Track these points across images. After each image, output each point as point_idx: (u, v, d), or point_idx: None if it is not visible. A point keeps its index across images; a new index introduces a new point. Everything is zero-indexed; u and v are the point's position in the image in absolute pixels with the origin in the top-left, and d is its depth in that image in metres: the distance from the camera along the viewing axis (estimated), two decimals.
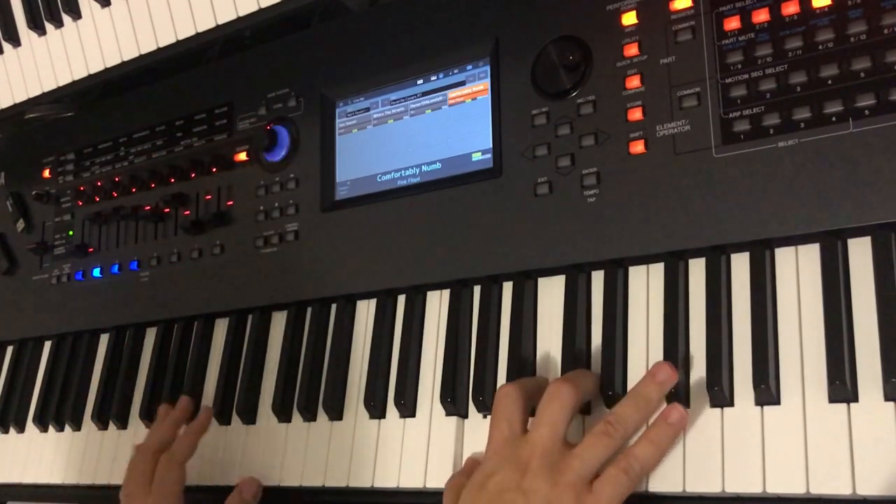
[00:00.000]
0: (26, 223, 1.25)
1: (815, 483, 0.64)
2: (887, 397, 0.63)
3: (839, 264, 0.68)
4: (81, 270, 1.16)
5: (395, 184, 0.92)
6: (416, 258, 0.88)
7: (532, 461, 0.68)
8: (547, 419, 0.70)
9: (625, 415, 0.69)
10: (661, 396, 0.70)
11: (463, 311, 0.86)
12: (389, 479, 0.84)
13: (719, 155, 0.73)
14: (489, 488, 0.69)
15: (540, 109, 0.83)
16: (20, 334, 1.24)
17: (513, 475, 0.68)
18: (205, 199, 1.06)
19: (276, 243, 0.98)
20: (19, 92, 1.14)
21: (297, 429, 0.92)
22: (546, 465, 0.68)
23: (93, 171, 1.19)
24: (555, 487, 0.66)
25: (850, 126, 0.68)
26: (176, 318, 1.07)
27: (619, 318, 0.76)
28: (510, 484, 0.68)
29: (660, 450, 0.69)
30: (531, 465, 0.68)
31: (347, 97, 0.98)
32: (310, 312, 0.97)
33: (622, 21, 0.80)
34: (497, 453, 0.71)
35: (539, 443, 0.69)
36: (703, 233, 0.73)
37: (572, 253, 0.79)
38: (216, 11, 0.95)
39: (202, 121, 1.09)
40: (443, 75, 0.91)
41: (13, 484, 1.15)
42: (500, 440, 0.72)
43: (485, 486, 0.69)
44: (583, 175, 0.79)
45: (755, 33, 0.73)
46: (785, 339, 0.69)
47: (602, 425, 0.69)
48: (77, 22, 1.08)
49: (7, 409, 1.21)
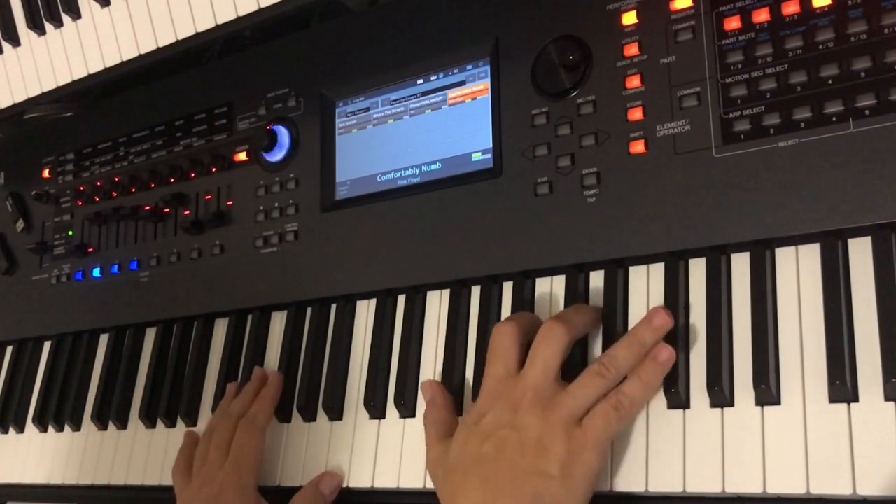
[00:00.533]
0: (26, 223, 1.25)
1: (815, 483, 0.64)
2: (887, 397, 0.63)
3: (839, 264, 0.68)
4: (81, 270, 1.16)
5: (394, 184, 0.92)
6: (416, 258, 0.88)
7: (524, 399, 0.70)
8: (540, 358, 0.72)
9: (618, 356, 0.71)
10: (655, 340, 0.72)
11: (462, 311, 0.86)
12: (389, 479, 0.84)
13: (719, 155, 0.73)
14: (483, 426, 0.71)
15: (540, 109, 0.83)
16: (20, 334, 1.24)
17: (505, 413, 0.71)
18: (204, 199, 1.06)
19: (276, 243, 0.98)
20: (19, 92, 1.14)
21: (297, 429, 0.92)
22: (538, 402, 0.70)
23: (92, 171, 1.19)
24: (545, 423, 0.69)
25: (850, 126, 0.68)
26: (176, 318, 1.07)
27: (619, 317, 0.76)
28: (503, 421, 0.70)
29: (648, 388, 0.71)
30: (523, 402, 0.70)
31: (347, 97, 0.98)
32: (310, 312, 0.97)
33: (622, 21, 0.80)
34: (490, 392, 0.73)
35: (532, 381, 0.71)
36: (703, 233, 0.73)
37: (572, 253, 0.79)
38: (216, 11, 0.95)
39: (202, 121, 1.09)
40: (443, 75, 0.91)
41: (13, 484, 1.15)
42: (495, 379, 0.74)
43: (479, 424, 0.72)
44: (583, 175, 0.79)
45: (755, 33, 0.73)
46: (785, 339, 0.69)
47: (596, 365, 0.71)
48: (77, 22, 1.07)
49: (7, 409, 1.21)
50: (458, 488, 0.70)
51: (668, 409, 0.71)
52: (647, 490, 0.70)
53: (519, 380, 0.72)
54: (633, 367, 0.72)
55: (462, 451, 0.72)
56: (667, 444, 0.70)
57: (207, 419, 0.99)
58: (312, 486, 0.87)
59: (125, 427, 1.08)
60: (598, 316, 0.77)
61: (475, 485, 0.69)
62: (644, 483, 0.70)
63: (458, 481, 0.71)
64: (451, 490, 0.71)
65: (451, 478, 0.72)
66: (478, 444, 0.71)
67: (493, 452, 0.69)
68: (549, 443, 0.68)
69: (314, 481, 0.87)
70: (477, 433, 0.71)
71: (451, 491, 0.71)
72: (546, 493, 0.67)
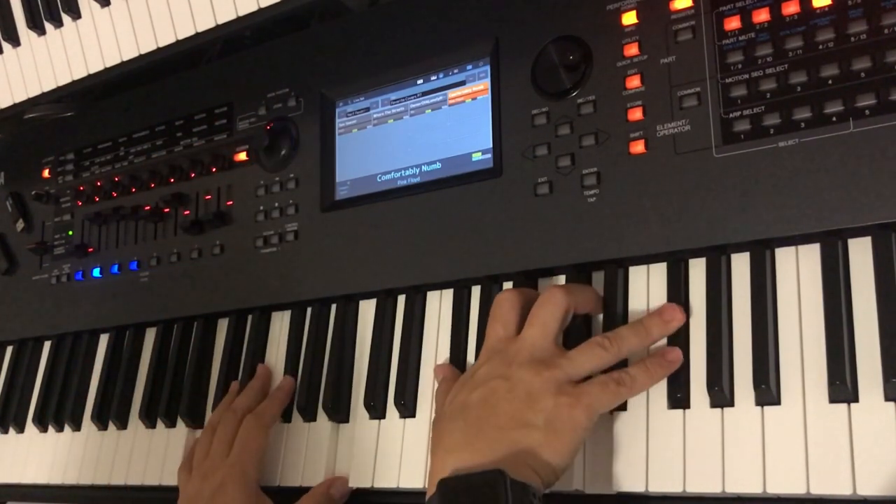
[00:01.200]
0: (26, 223, 1.25)
1: (815, 483, 0.64)
2: (887, 397, 0.63)
3: (839, 264, 0.68)
4: (81, 270, 1.16)
5: (395, 184, 0.92)
6: (416, 258, 0.88)
7: (520, 355, 0.71)
8: (539, 320, 0.73)
9: (623, 335, 0.72)
10: (662, 333, 0.73)
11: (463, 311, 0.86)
12: (389, 479, 0.84)
13: (719, 155, 0.73)
14: (476, 377, 0.72)
15: (540, 109, 0.83)
16: (20, 334, 1.24)
17: (499, 366, 0.72)
18: (204, 199, 1.06)
19: (276, 243, 0.98)
20: (19, 92, 1.14)
21: (297, 429, 0.92)
22: (534, 360, 0.71)
23: (92, 171, 1.19)
24: (538, 377, 0.69)
25: (850, 126, 0.68)
26: (176, 318, 1.07)
27: (619, 318, 0.76)
28: (496, 372, 0.71)
29: (651, 379, 0.71)
30: (518, 357, 0.71)
31: (347, 97, 0.98)
32: (310, 312, 0.97)
33: (622, 21, 0.80)
34: (489, 350, 0.75)
35: (529, 340, 0.72)
36: (703, 233, 0.73)
37: (572, 253, 0.79)
38: (216, 11, 0.95)
39: (202, 121, 1.09)
40: (443, 75, 0.91)
41: (13, 484, 1.15)
42: (494, 339, 0.75)
43: (473, 376, 0.73)
44: (583, 175, 0.79)
45: (755, 33, 0.73)
46: (785, 339, 0.69)
47: (599, 337, 0.72)
48: (77, 22, 1.08)
49: (7, 409, 1.21)
50: (443, 433, 0.71)
51: (669, 409, 0.71)
52: (647, 490, 0.70)
53: (517, 339, 0.73)
54: (635, 351, 0.72)
55: (454, 399, 0.73)
56: (667, 444, 0.70)
57: (207, 418, 0.99)
58: (323, 487, 0.86)
59: (125, 427, 1.08)
60: (599, 298, 0.77)
61: (458, 426, 0.70)
62: (644, 483, 0.70)
63: (444, 426, 0.71)
64: (438, 436, 0.72)
65: (440, 424, 0.73)
66: (468, 392, 0.71)
67: (480, 400, 0.70)
68: (538, 395, 0.68)
69: (326, 483, 0.86)
70: (470, 383, 0.72)
71: (438, 436, 0.72)
72: (526, 442, 0.66)
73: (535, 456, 0.66)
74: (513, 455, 0.66)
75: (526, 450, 0.66)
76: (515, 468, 0.64)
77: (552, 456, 0.67)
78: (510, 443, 0.67)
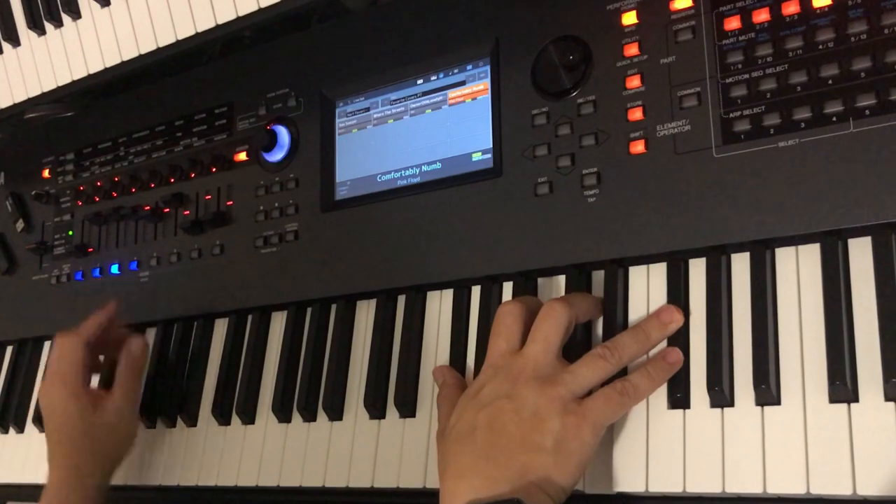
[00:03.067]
0: (26, 223, 1.25)
1: (815, 483, 0.64)
2: (888, 397, 0.63)
3: (839, 264, 0.68)
4: (81, 270, 1.16)
5: (395, 184, 0.92)
6: (416, 258, 0.88)
7: (524, 372, 0.71)
8: (541, 335, 0.72)
9: (623, 343, 0.72)
10: (661, 336, 0.73)
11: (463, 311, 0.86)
12: (389, 479, 0.84)
13: (719, 155, 0.73)
14: (481, 397, 0.72)
15: (540, 109, 0.83)
16: (20, 334, 1.24)
17: (504, 384, 0.71)
18: (204, 199, 1.06)
19: (276, 243, 0.98)
20: (19, 92, 1.14)
21: (297, 429, 0.92)
22: (538, 377, 0.70)
23: (92, 171, 1.19)
24: (543, 396, 0.69)
25: (850, 126, 0.68)
26: (176, 318, 1.07)
27: (619, 318, 0.76)
28: (501, 392, 0.71)
29: (653, 384, 0.71)
30: (522, 375, 0.71)
31: (347, 97, 0.98)
32: (310, 312, 0.97)
33: (622, 21, 0.80)
34: (492, 366, 0.74)
35: (532, 357, 0.72)
36: (703, 233, 0.73)
37: (572, 253, 0.79)
38: (216, 11, 0.95)
39: (202, 121, 1.09)
40: (443, 75, 0.91)
41: (13, 484, 1.15)
42: (497, 354, 0.74)
43: (477, 395, 0.72)
44: (583, 175, 0.79)
45: (755, 33, 0.73)
46: (785, 339, 0.69)
47: (599, 349, 0.71)
48: (77, 22, 1.07)
49: (7, 409, 1.21)
50: (450, 455, 0.71)
51: (669, 409, 0.71)
52: (647, 490, 0.70)
53: (520, 355, 0.73)
54: (636, 358, 0.72)
55: (459, 420, 0.72)
56: (667, 444, 0.70)
57: (207, 418, 0.99)
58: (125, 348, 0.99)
59: None
60: (599, 304, 0.77)
61: (466, 450, 0.70)
62: (644, 483, 0.70)
63: (451, 448, 0.71)
64: (445, 457, 0.72)
65: (446, 446, 0.72)
66: (474, 413, 0.71)
67: (487, 421, 0.70)
68: (545, 416, 0.68)
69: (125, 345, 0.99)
70: (474, 403, 0.72)
71: (445, 458, 0.72)
72: (536, 465, 0.67)
73: (546, 479, 0.66)
74: (525, 480, 0.66)
75: (537, 473, 0.66)
76: (528, 494, 0.65)
77: (562, 477, 0.67)
78: (521, 467, 0.67)
